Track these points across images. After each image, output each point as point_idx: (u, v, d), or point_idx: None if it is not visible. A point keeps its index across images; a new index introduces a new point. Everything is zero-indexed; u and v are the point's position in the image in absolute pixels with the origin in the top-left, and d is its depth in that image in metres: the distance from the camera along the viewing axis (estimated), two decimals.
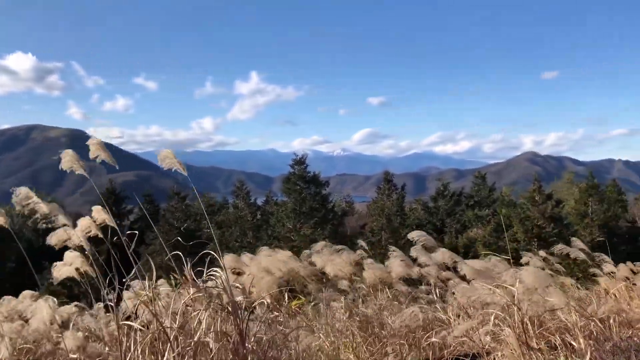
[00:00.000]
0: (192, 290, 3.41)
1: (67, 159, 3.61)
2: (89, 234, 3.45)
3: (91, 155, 3.58)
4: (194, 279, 3.71)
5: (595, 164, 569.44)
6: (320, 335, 4.74)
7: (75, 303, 5.50)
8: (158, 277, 4.33)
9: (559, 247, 6.96)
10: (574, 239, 7.53)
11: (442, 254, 6.55)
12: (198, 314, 3.21)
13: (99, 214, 3.59)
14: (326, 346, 4.63)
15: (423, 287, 7.12)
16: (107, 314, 5.32)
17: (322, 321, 5.12)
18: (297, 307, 5.83)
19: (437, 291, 6.41)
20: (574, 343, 3.80)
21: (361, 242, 8.05)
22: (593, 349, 3.79)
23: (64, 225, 3.46)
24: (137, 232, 3.50)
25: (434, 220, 40.27)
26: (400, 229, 33.31)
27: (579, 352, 3.85)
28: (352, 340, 4.69)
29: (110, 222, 3.47)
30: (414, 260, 6.72)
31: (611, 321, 4.91)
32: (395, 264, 6.58)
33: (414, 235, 6.59)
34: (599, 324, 4.55)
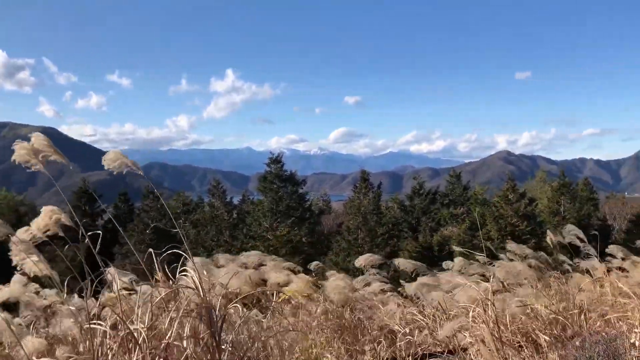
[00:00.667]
0: (163, 291, 3.34)
1: (21, 153, 3.20)
2: (47, 233, 3.25)
3: (36, 154, 3.23)
4: (167, 277, 3.64)
5: (567, 163, 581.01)
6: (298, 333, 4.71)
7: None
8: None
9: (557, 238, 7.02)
10: (570, 226, 7.62)
11: (402, 263, 6.46)
12: (169, 314, 3.14)
13: (52, 213, 3.29)
14: (303, 345, 4.60)
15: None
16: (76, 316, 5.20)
17: (297, 319, 5.09)
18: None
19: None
20: (545, 337, 3.85)
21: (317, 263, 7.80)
22: (560, 345, 3.83)
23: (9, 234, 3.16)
24: (99, 232, 3.34)
25: (409, 219, 40.55)
26: (377, 228, 33.44)
27: (544, 348, 3.90)
28: (329, 338, 4.68)
29: (66, 220, 3.28)
30: None
31: (582, 317, 4.99)
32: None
33: (361, 261, 6.46)
34: (565, 319, 4.62)
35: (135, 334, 2.83)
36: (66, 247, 3.38)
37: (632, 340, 3.00)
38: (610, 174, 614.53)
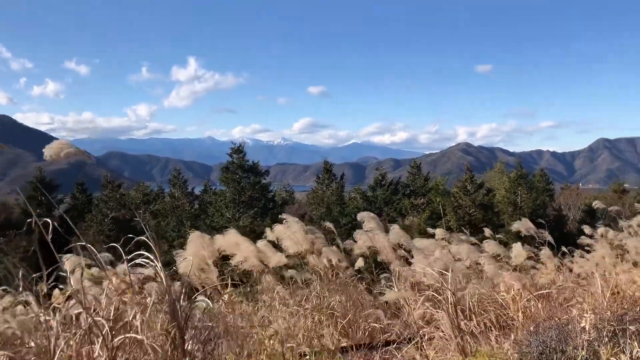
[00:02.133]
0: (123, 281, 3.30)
1: None
2: None
3: None
4: (127, 268, 3.59)
5: (525, 154, 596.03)
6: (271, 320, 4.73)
7: None
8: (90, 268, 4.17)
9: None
10: (524, 219, 7.87)
11: (397, 233, 6.66)
12: (132, 306, 3.11)
13: None
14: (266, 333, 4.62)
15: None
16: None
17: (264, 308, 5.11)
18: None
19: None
20: (502, 324, 3.97)
21: (327, 224, 7.89)
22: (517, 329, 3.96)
23: None
24: (50, 221, 3.23)
25: (372, 209, 40.80)
26: (340, 218, 33.64)
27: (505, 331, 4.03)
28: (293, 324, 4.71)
29: None
30: None
31: (539, 305, 5.17)
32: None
33: (363, 215, 6.67)
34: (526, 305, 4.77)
35: (100, 326, 2.80)
36: (16, 237, 3.28)
37: (582, 325, 3.14)
38: (565, 165, 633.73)
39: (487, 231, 7.56)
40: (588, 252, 7.78)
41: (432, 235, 7.70)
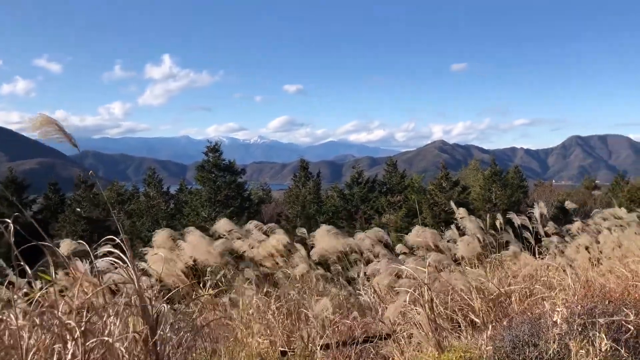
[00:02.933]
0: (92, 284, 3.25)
1: None
2: None
3: None
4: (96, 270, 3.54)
5: (499, 152, 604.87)
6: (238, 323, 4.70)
7: None
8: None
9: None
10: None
11: (375, 231, 6.74)
12: (103, 309, 3.06)
13: None
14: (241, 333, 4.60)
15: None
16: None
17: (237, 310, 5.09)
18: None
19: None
20: (477, 320, 4.01)
21: (302, 230, 7.90)
22: (491, 326, 4.01)
23: None
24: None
25: (348, 207, 41.03)
26: (317, 216, 33.72)
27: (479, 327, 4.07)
28: (266, 326, 4.70)
29: None
30: None
31: (512, 298, 5.24)
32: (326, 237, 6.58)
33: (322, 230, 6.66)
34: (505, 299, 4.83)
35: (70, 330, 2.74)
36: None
37: (554, 319, 3.19)
38: (538, 162, 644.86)
39: (453, 228, 7.61)
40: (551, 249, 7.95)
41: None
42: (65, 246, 5.07)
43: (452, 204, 7.57)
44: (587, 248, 7.47)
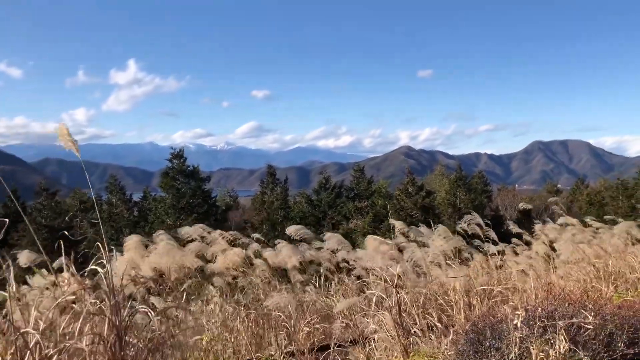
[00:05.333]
0: (69, 288, 3.17)
1: None
2: None
3: None
4: (74, 274, 3.44)
5: (464, 157, 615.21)
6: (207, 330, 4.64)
7: None
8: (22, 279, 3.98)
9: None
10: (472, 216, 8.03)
11: (333, 240, 6.75)
12: (70, 315, 2.98)
13: None
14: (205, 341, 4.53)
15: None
16: None
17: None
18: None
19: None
20: (439, 325, 4.05)
21: (255, 235, 7.99)
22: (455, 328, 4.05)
23: None
24: None
25: (316, 213, 41.08)
26: (285, 222, 33.62)
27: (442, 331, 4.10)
28: (231, 335, 4.64)
29: None
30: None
31: (476, 301, 5.31)
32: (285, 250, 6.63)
33: (291, 230, 6.69)
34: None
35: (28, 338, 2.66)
36: None
37: (515, 322, 3.24)
38: (502, 167, 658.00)
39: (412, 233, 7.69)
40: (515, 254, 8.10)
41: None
42: (24, 257, 4.94)
43: (391, 220, 7.60)
44: (549, 252, 7.64)
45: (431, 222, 7.56)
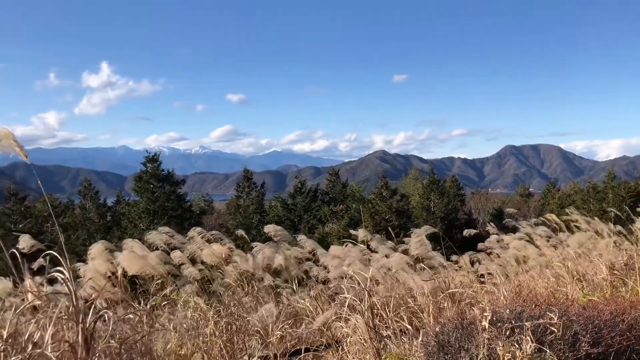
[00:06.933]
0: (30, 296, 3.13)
1: None
2: None
3: None
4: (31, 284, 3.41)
5: (437, 161, 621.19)
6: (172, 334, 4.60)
7: None
8: None
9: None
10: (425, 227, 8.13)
11: (306, 243, 6.81)
12: (34, 321, 2.94)
13: None
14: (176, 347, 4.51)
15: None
16: None
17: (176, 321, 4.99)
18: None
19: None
20: (410, 327, 4.10)
21: (240, 232, 7.96)
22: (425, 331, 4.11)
23: None
24: None
25: (292, 217, 41.04)
26: (260, 227, 33.50)
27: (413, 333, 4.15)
28: (205, 340, 4.62)
29: None
30: None
31: (446, 304, 5.39)
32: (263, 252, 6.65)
33: (270, 229, 6.72)
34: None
35: None
36: None
37: (483, 324, 3.30)
38: (475, 171, 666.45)
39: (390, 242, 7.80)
40: (490, 254, 8.23)
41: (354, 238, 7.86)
42: None
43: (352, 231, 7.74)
44: (519, 256, 7.78)
45: (408, 226, 7.64)
